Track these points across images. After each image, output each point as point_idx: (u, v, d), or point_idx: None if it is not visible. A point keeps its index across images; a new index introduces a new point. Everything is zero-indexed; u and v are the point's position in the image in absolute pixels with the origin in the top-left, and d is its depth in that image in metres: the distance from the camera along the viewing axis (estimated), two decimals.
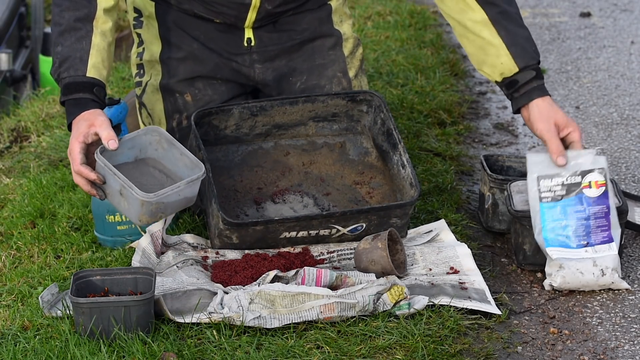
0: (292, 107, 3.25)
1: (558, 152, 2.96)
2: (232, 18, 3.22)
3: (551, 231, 2.95)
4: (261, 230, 2.99)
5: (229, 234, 3.00)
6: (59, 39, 2.97)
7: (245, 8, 3.18)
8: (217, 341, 2.63)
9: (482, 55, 3.09)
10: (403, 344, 2.63)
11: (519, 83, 3.05)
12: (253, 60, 3.28)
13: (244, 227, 2.98)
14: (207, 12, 3.22)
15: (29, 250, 3.14)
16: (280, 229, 3.00)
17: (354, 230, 3.06)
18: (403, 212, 3.05)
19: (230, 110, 3.20)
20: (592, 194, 2.95)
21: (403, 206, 3.03)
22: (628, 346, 2.71)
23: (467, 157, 3.88)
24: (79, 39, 2.96)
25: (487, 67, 3.09)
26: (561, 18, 5.82)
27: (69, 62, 2.95)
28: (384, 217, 3.04)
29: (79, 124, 2.88)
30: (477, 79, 4.83)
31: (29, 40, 6.26)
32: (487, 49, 3.07)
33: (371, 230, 3.07)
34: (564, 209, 2.95)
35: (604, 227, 2.94)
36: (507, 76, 3.06)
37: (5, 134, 4.23)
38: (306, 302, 2.71)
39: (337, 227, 3.04)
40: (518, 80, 3.05)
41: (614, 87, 4.66)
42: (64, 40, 2.97)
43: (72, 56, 2.95)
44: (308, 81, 3.33)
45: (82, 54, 2.95)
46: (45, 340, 2.64)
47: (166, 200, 2.81)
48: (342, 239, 3.09)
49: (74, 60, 2.95)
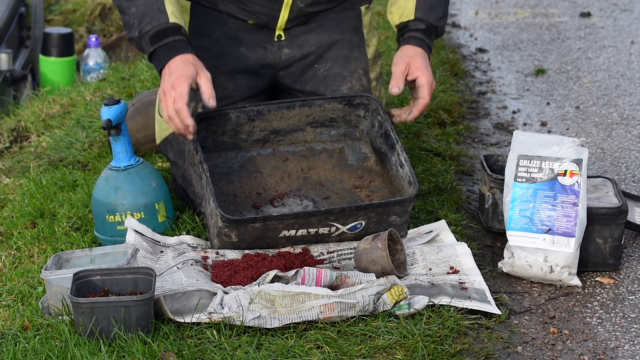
0: (289, 111, 3.24)
1: (393, 84, 3.13)
2: (265, 17, 3.24)
3: (517, 210, 3.01)
4: (260, 227, 2.98)
5: (228, 232, 2.99)
6: (131, 3, 3.06)
7: (277, 6, 3.21)
8: (217, 341, 2.63)
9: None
10: (403, 344, 2.63)
11: (407, 28, 3.24)
12: (282, 45, 3.31)
13: (242, 224, 2.97)
14: (240, 12, 3.24)
15: (29, 250, 3.14)
16: (279, 227, 2.99)
17: (354, 228, 3.05)
18: (402, 209, 3.04)
19: (227, 114, 3.19)
20: (565, 182, 2.98)
21: (401, 203, 3.03)
22: (628, 346, 2.71)
23: (467, 157, 3.88)
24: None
25: (394, 8, 3.29)
26: (561, 18, 5.82)
27: (148, 15, 3.04)
28: (383, 214, 3.03)
29: (185, 65, 2.98)
30: (477, 79, 4.83)
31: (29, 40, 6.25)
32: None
33: (371, 228, 3.06)
34: (535, 192, 3.01)
35: (569, 218, 2.96)
36: (403, 21, 3.25)
37: (5, 134, 4.23)
38: (306, 302, 2.71)
39: (337, 225, 3.03)
40: (408, 26, 3.24)
41: (614, 87, 4.66)
42: (136, 2, 3.05)
43: (150, 10, 3.04)
44: (331, 69, 3.35)
45: (158, 6, 3.04)
46: (45, 340, 2.64)
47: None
48: (342, 238, 3.08)
49: (153, 13, 3.04)
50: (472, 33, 5.63)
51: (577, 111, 4.38)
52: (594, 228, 3.04)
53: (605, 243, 3.06)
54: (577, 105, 4.44)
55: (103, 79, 4.79)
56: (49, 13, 6.97)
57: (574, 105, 4.45)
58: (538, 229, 2.99)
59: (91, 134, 3.97)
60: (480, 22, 5.84)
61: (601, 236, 3.05)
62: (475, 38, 5.54)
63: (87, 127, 4.04)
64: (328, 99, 3.25)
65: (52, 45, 5.44)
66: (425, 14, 3.23)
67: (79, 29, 6.76)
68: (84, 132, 3.99)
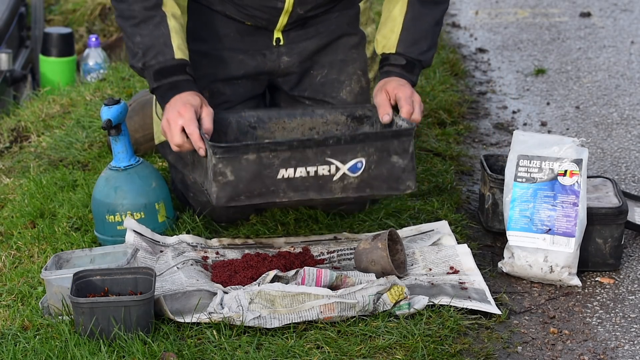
0: (290, 121, 3.20)
1: (381, 113, 3.06)
2: (263, 22, 3.23)
3: (517, 210, 3.01)
4: (255, 161, 2.85)
5: (223, 169, 2.86)
6: (136, 30, 3.02)
7: (277, 12, 3.20)
8: (217, 341, 2.63)
9: (383, 24, 3.22)
10: (403, 344, 2.63)
11: (387, 62, 3.17)
12: (281, 52, 3.29)
13: (234, 153, 2.84)
14: (239, 14, 3.23)
15: (29, 250, 3.14)
16: (275, 163, 2.86)
17: (354, 168, 2.91)
18: (402, 146, 2.92)
19: (226, 118, 3.15)
20: (565, 182, 2.98)
21: (399, 135, 2.92)
22: (628, 346, 2.71)
23: (467, 157, 3.88)
24: (156, 26, 3.01)
25: (380, 36, 3.22)
26: (561, 18, 5.82)
27: (154, 49, 3.00)
28: (382, 150, 2.92)
29: (191, 96, 2.96)
30: (477, 79, 4.83)
31: (29, 40, 6.25)
32: (388, 22, 3.19)
33: (372, 170, 2.92)
34: (535, 192, 3.01)
35: (569, 218, 2.96)
36: (385, 52, 3.18)
37: (5, 134, 4.23)
38: (306, 302, 2.71)
39: (336, 164, 2.89)
40: (389, 59, 3.17)
41: (614, 87, 4.66)
42: (141, 30, 3.02)
43: (155, 43, 3.00)
44: (328, 75, 3.34)
45: (164, 39, 3.01)
46: (45, 340, 2.64)
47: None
48: (345, 185, 2.92)
49: (159, 47, 3.00)
50: (472, 33, 5.63)
51: (577, 111, 4.38)
52: (594, 228, 3.04)
53: (605, 243, 3.06)
54: (577, 105, 4.44)
55: (103, 79, 4.79)
56: (49, 13, 6.97)
57: (574, 105, 4.45)
58: (538, 229, 2.99)
59: (91, 134, 3.97)
60: (480, 22, 5.84)
61: (601, 236, 3.05)
62: (475, 38, 5.54)
63: (87, 127, 4.04)
64: (329, 108, 3.21)
65: (52, 45, 5.44)
66: (407, 48, 3.15)
67: (79, 29, 6.76)
68: (84, 132, 3.99)
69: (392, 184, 2.94)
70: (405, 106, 3.01)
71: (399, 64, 3.14)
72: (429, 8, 3.16)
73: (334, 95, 3.33)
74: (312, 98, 3.33)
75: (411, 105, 3.01)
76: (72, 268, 2.82)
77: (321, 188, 2.91)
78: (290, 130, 3.20)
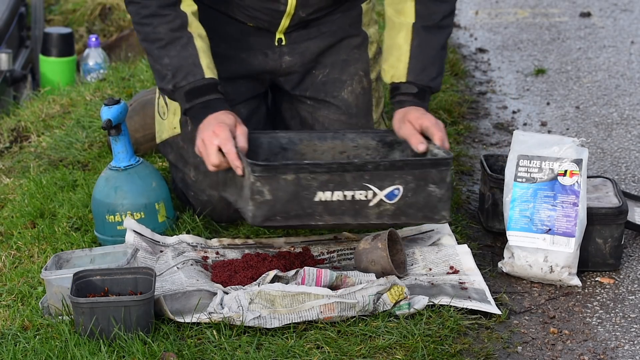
0: (321, 143, 3.18)
1: (414, 143, 3.03)
2: (265, 23, 3.23)
3: (517, 210, 3.01)
4: (293, 182, 2.85)
5: (260, 187, 2.84)
6: (163, 52, 3.01)
7: (279, 15, 3.19)
8: (217, 341, 2.63)
9: (388, 52, 3.18)
10: (403, 344, 2.63)
11: (398, 91, 3.13)
12: (283, 52, 3.29)
13: (272, 172, 2.83)
14: (241, 15, 3.23)
15: (29, 250, 3.14)
16: (313, 185, 2.85)
17: (391, 195, 2.89)
18: (440, 176, 2.91)
19: (258, 138, 3.12)
20: (565, 182, 2.98)
21: (437, 164, 2.90)
22: (628, 346, 2.71)
23: (467, 157, 3.88)
24: (184, 47, 3.01)
25: (387, 65, 3.18)
26: (561, 18, 5.82)
27: (183, 70, 2.99)
28: (420, 179, 2.90)
29: (225, 115, 2.96)
30: (477, 79, 4.83)
31: (29, 40, 6.25)
32: (394, 50, 3.15)
33: (409, 197, 2.90)
34: (535, 192, 3.01)
35: (569, 218, 2.96)
36: (395, 82, 3.14)
37: (5, 134, 4.23)
38: (306, 302, 2.71)
39: (373, 189, 2.88)
40: (400, 88, 3.13)
41: (614, 87, 4.66)
42: (169, 52, 3.01)
43: (185, 64, 3.00)
44: (330, 74, 3.33)
45: (193, 59, 3.00)
46: (45, 340, 2.64)
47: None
48: (381, 212, 2.91)
49: (188, 67, 2.99)
50: (472, 33, 5.63)
51: (577, 111, 4.38)
52: (594, 228, 3.04)
53: (605, 243, 3.06)
54: (577, 105, 4.44)
55: (103, 79, 4.79)
56: (49, 13, 6.97)
57: (574, 105, 4.45)
58: (538, 229, 2.99)
59: (91, 134, 3.97)
60: (480, 22, 5.84)
61: (601, 236, 3.05)
62: (475, 38, 5.54)
63: (87, 127, 4.04)
64: (360, 133, 3.19)
65: (52, 45, 5.44)
66: (417, 76, 3.12)
67: (79, 29, 6.76)
68: (84, 132, 3.99)
69: (427, 213, 2.94)
70: (437, 133, 3.00)
71: (411, 92, 3.12)
72: (434, 34, 3.14)
73: (335, 94, 3.33)
74: (314, 97, 3.34)
75: (441, 131, 3.01)
76: (72, 268, 2.82)
77: (357, 213, 2.90)
78: (321, 152, 3.19)
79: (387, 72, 3.17)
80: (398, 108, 3.13)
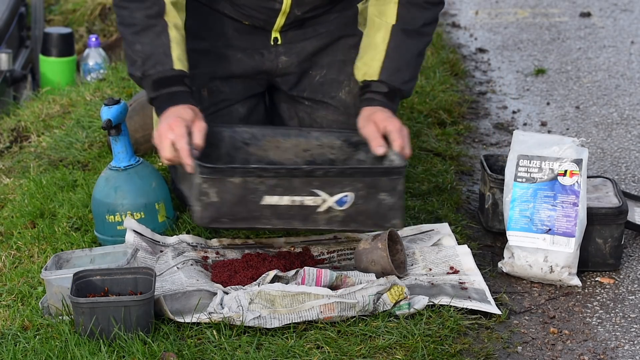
0: (285, 140, 3.15)
1: (374, 145, 3.00)
2: (261, 22, 3.23)
3: (517, 210, 3.01)
4: (240, 185, 2.81)
5: (207, 189, 2.82)
6: (136, 38, 3.00)
7: (274, 13, 3.19)
8: (217, 341, 2.63)
9: (364, 50, 3.18)
10: (403, 344, 2.63)
11: (369, 89, 3.12)
12: (279, 52, 3.29)
13: (219, 174, 2.81)
14: (236, 14, 3.23)
15: (29, 250, 3.14)
16: (261, 189, 2.82)
17: (341, 202, 2.87)
18: (391, 185, 2.88)
19: (220, 132, 3.10)
20: (565, 182, 2.98)
21: (388, 173, 2.88)
22: (628, 346, 2.71)
23: (467, 157, 3.88)
24: (157, 35, 3.00)
25: (361, 63, 3.17)
26: (561, 18, 5.83)
27: (153, 58, 2.98)
28: (370, 187, 2.87)
29: (184, 109, 2.93)
30: (477, 79, 4.83)
31: (29, 40, 6.25)
32: (370, 49, 3.15)
33: (360, 205, 2.88)
34: (535, 192, 3.01)
35: (569, 218, 2.96)
36: (367, 79, 3.13)
37: (5, 134, 4.23)
38: (306, 302, 2.71)
39: (322, 196, 2.86)
40: (370, 86, 3.12)
41: (614, 87, 4.66)
42: (141, 38, 3.00)
43: (155, 52, 2.99)
44: (327, 75, 3.33)
45: (164, 49, 2.99)
46: (45, 340, 2.64)
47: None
48: (331, 218, 2.89)
49: (158, 56, 2.98)
50: (472, 33, 5.63)
51: (577, 111, 4.38)
52: (594, 228, 3.04)
53: (605, 243, 3.06)
54: (577, 105, 4.44)
55: (103, 79, 4.79)
56: (49, 13, 6.97)
57: (574, 105, 4.45)
58: (538, 229, 2.99)
59: (91, 134, 3.97)
60: (480, 22, 5.84)
61: (601, 236, 3.05)
62: (475, 38, 5.54)
63: (87, 127, 4.04)
64: (325, 132, 3.17)
65: (52, 45, 5.44)
66: (389, 76, 3.11)
67: (79, 29, 6.76)
68: (84, 132, 3.99)
69: (377, 221, 2.91)
70: (397, 140, 2.98)
71: (381, 92, 3.11)
72: (413, 38, 3.14)
73: (332, 95, 3.33)
74: (311, 98, 3.33)
75: (402, 139, 2.98)
76: (72, 268, 2.82)
77: (305, 218, 2.88)
78: (284, 150, 3.16)
79: (360, 70, 3.17)
80: (365, 106, 3.12)
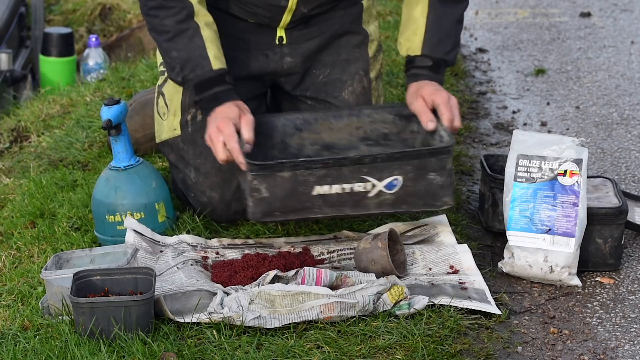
0: (337, 121, 3.18)
1: (424, 120, 3.05)
2: (266, 19, 3.23)
3: (517, 210, 3.01)
4: (290, 179, 2.86)
5: (258, 185, 2.87)
6: (171, 45, 3.03)
7: (280, 10, 3.20)
8: (217, 341, 2.63)
9: (405, 26, 3.21)
10: (403, 344, 2.63)
11: (413, 64, 3.17)
12: (284, 53, 3.29)
13: (269, 170, 2.86)
14: (241, 12, 3.24)
15: (29, 250, 3.14)
16: (311, 180, 2.87)
17: (391, 186, 2.90)
18: (439, 164, 2.91)
19: (272, 121, 3.14)
20: (565, 182, 2.98)
21: (437, 153, 2.91)
22: (628, 346, 2.71)
23: (467, 157, 3.88)
24: (190, 39, 3.02)
25: (403, 39, 3.21)
26: (561, 18, 5.83)
27: (191, 62, 3.02)
28: (419, 168, 2.90)
29: (229, 108, 2.98)
30: (477, 79, 4.83)
31: (29, 40, 6.25)
32: (410, 24, 3.19)
33: (409, 187, 2.91)
34: (535, 192, 3.01)
35: (569, 218, 2.96)
36: (410, 55, 3.18)
37: (5, 134, 4.23)
38: (306, 302, 2.71)
39: (372, 181, 2.89)
40: (415, 62, 3.17)
41: (614, 87, 4.66)
42: (176, 45, 3.03)
43: (192, 56, 3.01)
44: (331, 75, 3.34)
45: (200, 51, 3.02)
46: (45, 340, 2.64)
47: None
48: (381, 202, 2.92)
49: (195, 60, 3.01)
50: (472, 33, 5.63)
51: (577, 111, 4.38)
52: (594, 228, 3.04)
53: (605, 243, 3.06)
54: (577, 105, 4.44)
55: (103, 79, 4.79)
56: (49, 13, 6.97)
57: (574, 105, 4.45)
58: (538, 229, 2.99)
59: (91, 134, 3.97)
60: (480, 22, 5.84)
61: (601, 236, 3.05)
62: (475, 38, 5.54)
63: (87, 127, 4.04)
64: (377, 108, 3.20)
65: (52, 45, 5.45)
66: (432, 49, 3.15)
67: (79, 29, 6.76)
68: (84, 132, 3.99)
69: (428, 200, 2.95)
70: (446, 113, 3.02)
71: (425, 66, 3.15)
72: (450, 7, 3.17)
73: (336, 95, 3.33)
74: (315, 98, 3.34)
75: (451, 111, 3.02)
76: (72, 268, 2.82)
77: (356, 204, 2.92)
78: (337, 130, 3.19)
79: (403, 45, 3.20)
80: (412, 81, 3.15)
